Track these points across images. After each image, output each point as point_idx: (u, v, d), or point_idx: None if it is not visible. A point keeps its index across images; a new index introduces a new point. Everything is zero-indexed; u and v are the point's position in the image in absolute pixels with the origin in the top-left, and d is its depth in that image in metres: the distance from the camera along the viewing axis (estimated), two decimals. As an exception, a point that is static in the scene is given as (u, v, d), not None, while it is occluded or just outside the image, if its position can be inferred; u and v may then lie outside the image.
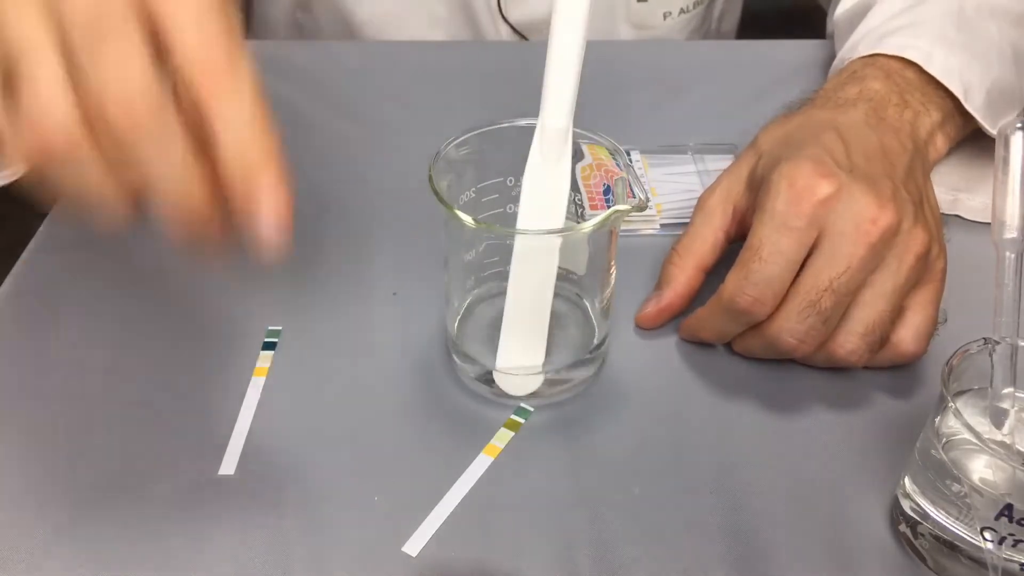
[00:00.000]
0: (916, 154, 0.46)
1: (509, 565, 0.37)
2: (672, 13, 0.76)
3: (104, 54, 0.29)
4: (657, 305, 0.46)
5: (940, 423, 0.34)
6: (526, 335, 0.42)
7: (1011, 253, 0.35)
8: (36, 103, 0.28)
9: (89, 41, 0.29)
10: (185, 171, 0.30)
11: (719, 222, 0.46)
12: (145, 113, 0.29)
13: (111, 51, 0.29)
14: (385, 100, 0.64)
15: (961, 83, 0.50)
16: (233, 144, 0.31)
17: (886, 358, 0.43)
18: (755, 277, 0.40)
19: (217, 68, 0.30)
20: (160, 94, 0.29)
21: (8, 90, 0.29)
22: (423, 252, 0.51)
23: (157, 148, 0.29)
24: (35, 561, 0.37)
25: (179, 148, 0.30)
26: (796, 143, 0.44)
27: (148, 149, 0.29)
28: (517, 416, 0.43)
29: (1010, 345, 0.35)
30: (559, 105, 0.38)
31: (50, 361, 0.45)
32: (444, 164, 0.41)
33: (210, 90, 0.30)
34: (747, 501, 0.39)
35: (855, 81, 0.49)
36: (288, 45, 0.76)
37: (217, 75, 0.30)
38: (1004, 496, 0.32)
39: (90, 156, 0.29)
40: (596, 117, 0.42)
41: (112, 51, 0.29)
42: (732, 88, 0.65)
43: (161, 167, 0.29)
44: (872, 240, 0.39)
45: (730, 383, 0.44)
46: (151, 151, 0.29)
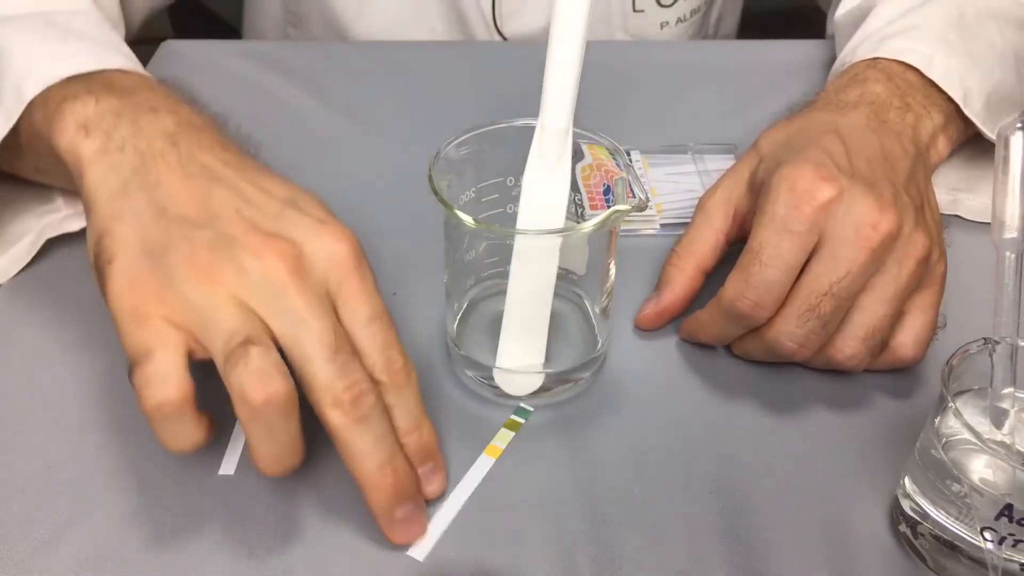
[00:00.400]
0: (917, 158, 0.46)
1: (509, 565, 0.37)
2: (669, 23, 0.76)
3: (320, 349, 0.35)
4: (656, 306, 0.46)
5: (940, 423, 0.34)
6: (526, 335, 0.42)
7: (1011, 253, 0.35)
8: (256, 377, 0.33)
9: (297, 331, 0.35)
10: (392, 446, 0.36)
11: (719, 224, 0.46)
12: (361, 399, 0.35)
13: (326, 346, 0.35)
14: (384, 100, 0.64)
15: (961, 88, 0.50)
16: (409, 431, 0.37)
17: (886, 362, 0.43)
18: (755, 281, 0.40)
19: (394, 367, 0.36)
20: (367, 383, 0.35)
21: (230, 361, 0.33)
22: (423, 252, 0.51)
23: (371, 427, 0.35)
24: (35, 561, 0.37)
25: (388, 427, 0.36)
26: (797, 146, 0.44)
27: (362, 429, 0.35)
28: (517, 416, 0.43)
29: (1010, 345, 0.35)
30: (559, 105, 0.38)
31: (51, 360, 0.45)
32: (444, 164, 0.41)
33: (388, 386, 0.36)
34: (747, 501, 0.39)
35: (856, 84, 0.49)
36: (287, 45, 0.76)
37: (395, 373, 0.36)
38: (1004, 496, 0.32)
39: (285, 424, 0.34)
40: (596, 117, 0.42)
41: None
42: (732, 88, 0.65)
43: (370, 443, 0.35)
44: (872, 245, 0.39)
45: (730, 383, 0.44)
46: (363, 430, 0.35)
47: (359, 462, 0.35)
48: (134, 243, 0.36)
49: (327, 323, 0.35)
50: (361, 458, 0.35)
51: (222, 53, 0.69)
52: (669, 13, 0.76)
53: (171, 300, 0.35)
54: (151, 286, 0.35)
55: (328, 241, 0.36)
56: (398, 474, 0.36)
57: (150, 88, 0.44)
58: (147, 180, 0.38)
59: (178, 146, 0.39)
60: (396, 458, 0.36)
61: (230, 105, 0.64)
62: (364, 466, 0.35)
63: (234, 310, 0.34)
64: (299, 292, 0.35)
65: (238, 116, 0.63)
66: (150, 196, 0.37)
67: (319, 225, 0.37)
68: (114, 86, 0.43)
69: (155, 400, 0.33)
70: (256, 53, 0.69)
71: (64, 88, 0.42)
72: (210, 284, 0.35)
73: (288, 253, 0.35)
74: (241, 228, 0.36)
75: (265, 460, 0.35)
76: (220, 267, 0.35)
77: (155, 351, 0.34)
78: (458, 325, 0.45)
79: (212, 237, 0.36)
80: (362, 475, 0.35)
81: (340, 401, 0.34)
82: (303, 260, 0.36)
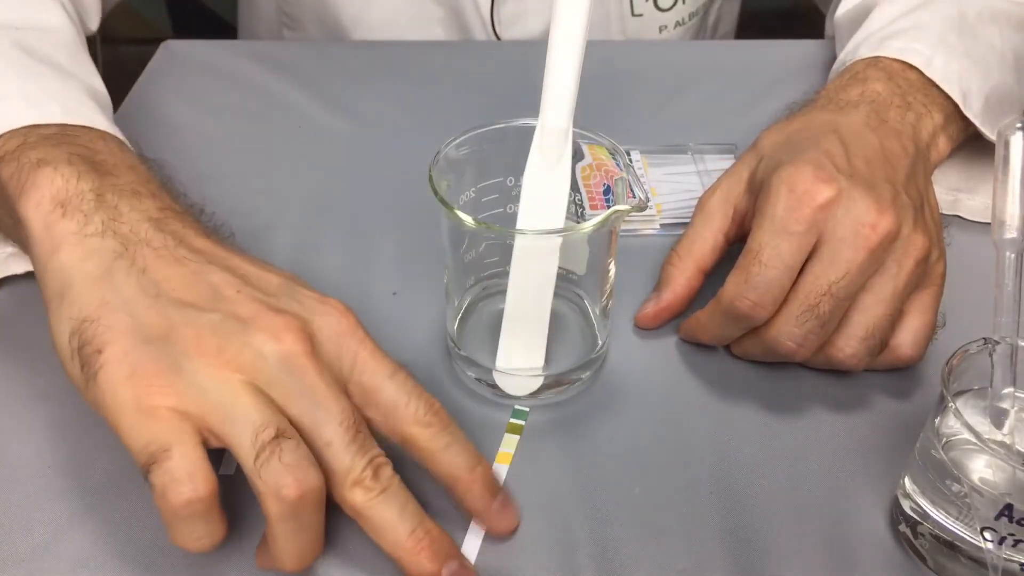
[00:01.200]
0: (917, 157, 0.46)
1: (509, 565, 0.37)
2: (667, 27, 0.76)
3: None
4: (656, 306, 0.46)
5: (940, 423, 0.34)
6: (526, 335, 0.42)
7: (1011, 253, 0.35)
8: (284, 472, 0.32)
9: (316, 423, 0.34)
10: (418, 510, 0.35)
11: (719, 224, 0.46)
12: (381, 472, 0.34)
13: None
14: (384, 100, 0.64)
15: (960, 88, 0.50)
16: (473, 465, 0.36)
17: (885, 362, 0.43)
18: (755, 281, 0.40)
19: (436, 407, 0.36)
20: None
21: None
22: (423, 252, 0.51)
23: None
24: (35, 560, 0.37)
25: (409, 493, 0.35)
26: (797, 146, 0.44)
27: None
28: (516, 419, 0.43)
29: (1010, 345, 0.35)
30: (559, 105, 0.38)
31: (51, 360, 0.45)
32: (444, 164, 0.41)
33: (439, 426, 0.36)
34: (747, 501, 0.39)
35: (857, 82, 0.49)
36: (287, 45, 0.76)
37: (439, 412, 0.36)
38: (1004, 496, 0.32)
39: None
40: (596, 117, 0.42)
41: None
42: (732, 88, 0.65)
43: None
44: (871, 245, 0.39)
45: (730, 383, 0.44)
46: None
47: (390, 534, 0.34)
48: (128, 330, 0.34)
49: (345, 404, 0.34)
50: (391, 529, 0.34)
51: (222, 53, 0.69)
52: (667, 17, 0.76)
53: (182, 390, 0.33)
54: (156, 376, 0.33)
55: (335, 317, 0.36)
56: (431, 535, 0.34)
57: (131, 167, 0.42)
58: (133, 265, 0.36)
59: (163, 232, 0.37)
60: (425, 520, 0.34)
61: (230, 105, 0.64)
62: (397, 536, 0.34)
63: (255, 399, 0.33)
64: (318, 374, 0.34)
65: (237, 116, 0.63)
66: (138, 281, 0.35)
67: (321, 303, 0.36)
68: (96, 163, 0.40)
69: (184, 498, 0.31)
70: (256, 53, 0.69)
71: (39, 147, 0.40)
72: (225, 370, 0.33)
73: (303, 333, 0.34)
74: (250, 309, 0.35)
75: (294, 556, 0.33)
76: (234, 351, 0.33)
77: (173, 445, 0.32)
78: (458, 325, 0.45)
79: (218, 320, 0.34)
80: (396, 546, 0.34)
81: (361, 480, 0.33)
82: (315, 339, 0.35)
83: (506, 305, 0.41)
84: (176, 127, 0.62)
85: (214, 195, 0.55)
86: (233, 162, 0.59)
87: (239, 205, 0.55)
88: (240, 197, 0.56)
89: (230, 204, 0.55)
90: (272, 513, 0.32)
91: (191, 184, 0.56)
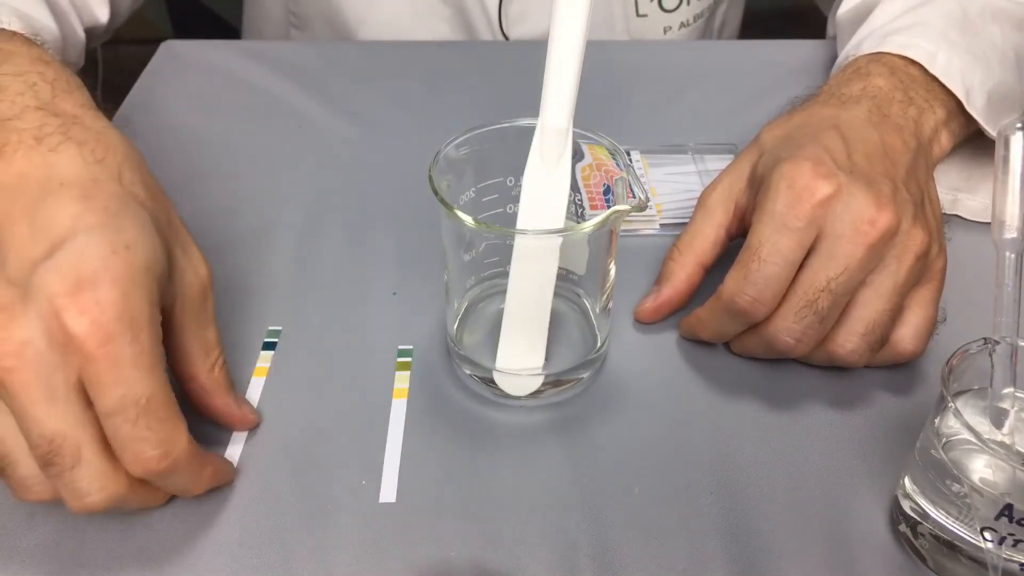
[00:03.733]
0: (919, 152, 0.46)
1: (509, 565, 0.37)
2: (672, 27, 0.76)
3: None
4: (656, 300, 0.46)
5: (940, 423, 0.34)
6: (526, 335, 0.42)
7: (1011, 253, 0.35)
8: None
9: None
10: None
11: (720, 219, 0.46)
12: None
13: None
14: (385, 100, 0.64)
15: (963, 85, 0.50)
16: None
17: (886, 357, 0.43)
18: (754, 277, 0.40)
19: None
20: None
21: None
22: (423, 252, 0.51)
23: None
24: (35, 560, 0.37)
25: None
26: (797, 142, 0.44)
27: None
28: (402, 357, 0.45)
29: (1010, 345, 0.35)
30: (559, 105, 0.38)
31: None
32: (444, 164, 0.41)
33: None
34: (747, 501, 0.39)
35: (859, 77, 0.49)
36: (288, 45, 0.76)
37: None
38: (1004, 496, 0.32)
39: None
40: (596, 117, 0.42)
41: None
42: (732, 88, 0.65)
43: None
44: (870, 241, 0.39)
45: (730, 382, 0.44)
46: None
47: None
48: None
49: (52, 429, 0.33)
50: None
51: (222, 53, 0.69)
52: (672, 18, 0.76)
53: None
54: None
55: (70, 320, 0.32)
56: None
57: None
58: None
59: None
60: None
61: (230, 105, 0.64)
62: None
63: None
64: (27, 398, 0.33)
65: (238, 116, 0.63)
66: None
67: (67, 296, 0.32)
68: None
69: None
70: (257, 53, 0.69)
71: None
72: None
73: (19, 355, 0.32)
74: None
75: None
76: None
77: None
78: (458, 325, 0.45)
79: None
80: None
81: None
82: (32, 350, 0.32)
83: (506, 305, 0.41)
84: (176, 127, 0.62)
85: (214, 195, 0.56)
86: (233, 162, 0.59)
87: (239, 205, 0.55)
88: (240, 197, 0.56)
89: (230, 204, 0.55)
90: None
91: (191, 184, 0.56)
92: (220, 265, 0.50)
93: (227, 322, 0.47)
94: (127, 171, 0.36)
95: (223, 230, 0.53)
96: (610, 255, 0.42)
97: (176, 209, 0.39)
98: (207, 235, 0.52)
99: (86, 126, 0.37)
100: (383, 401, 0.43)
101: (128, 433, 0.33)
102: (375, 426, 0.42)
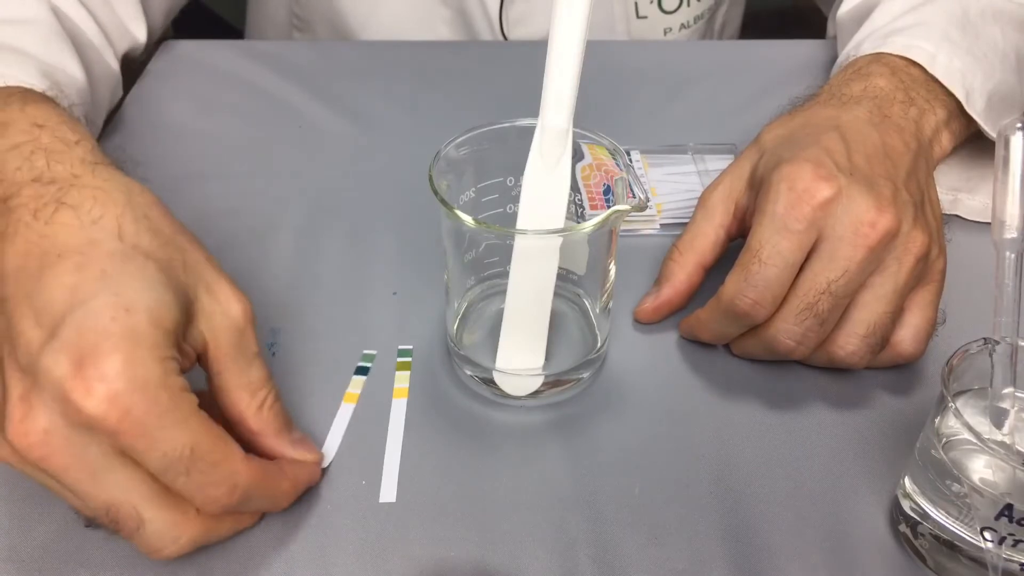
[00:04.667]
0: (919, 152, 0.46)
1: (509, 565, 0.37)
2: (673, 29, 0.76)
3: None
4: (656, 300, 0.46)
5: (940, 423, 0.34)
6: (526, 335, 0.42)
7: (1011, 253, 0.35)
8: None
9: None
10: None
11: (720, 219, 0.46)
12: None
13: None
14: (385, 100, 0.64)
15: (963, 86, 0.50)
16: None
17: (886, 359, 0.43)
18: (755, 279, 0.40)
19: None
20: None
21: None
22: (423, 252, 0.51)
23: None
24: (35, 560, 0.37)
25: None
26: (798, 143, 0.44)
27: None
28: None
29: (1010, 345, 0.35)
30: (559, 106, 0.38)
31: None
32: (444, 164, 0.41)
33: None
34: (747, 501, 0.39)
35: (860, 77, 0.49)
36: (288, 45, 0.76)
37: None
38: (1004, 496, 0.32)
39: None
40: (596, 117, 0.42)
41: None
42: (732, 88, 0.65)
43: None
44: (870, 243, 0.39)
45: (730, 382, 0.44)
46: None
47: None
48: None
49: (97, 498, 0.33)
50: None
51: (222, 53, 0.69)
52: (672, 20, 0.76)
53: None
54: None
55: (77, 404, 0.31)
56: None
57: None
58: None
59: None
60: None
61: (230, 105, 0.64)
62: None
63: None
64: (63, 472, 0.32)
65: (238, 116, 0.63)
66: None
67: (73, 378, 0.31)
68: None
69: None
70: (257, 53, 0.69)
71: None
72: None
73: (45, 440, 0.32)
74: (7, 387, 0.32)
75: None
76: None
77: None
78: (458, 325, 0.45)
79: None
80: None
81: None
82: (58, 432, 0.32)
83: (506, 305, 0.41)
84: (176, 127, 0.62)
85: (214, 195, 0.56)
86: (233, 162, 0.59)
87: (239, 205, 0.55)
88: (240, 197, 0.56)
89: (230, 204, 0.55)
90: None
91: (191, 184, 0.56)
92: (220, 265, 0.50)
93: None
94: (128, 223, 0.35)
95: (223, 230, 0.53)
96: (610, 255, 0.42)
97: (201, 245, 0.38)
98: (207, 235, 0.52)
99: (83, 185, 0.35)
100: (383, 401, 0.43)
101: (186, 484, 0.32)
102: (375, 426, 0.42)
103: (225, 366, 0.36)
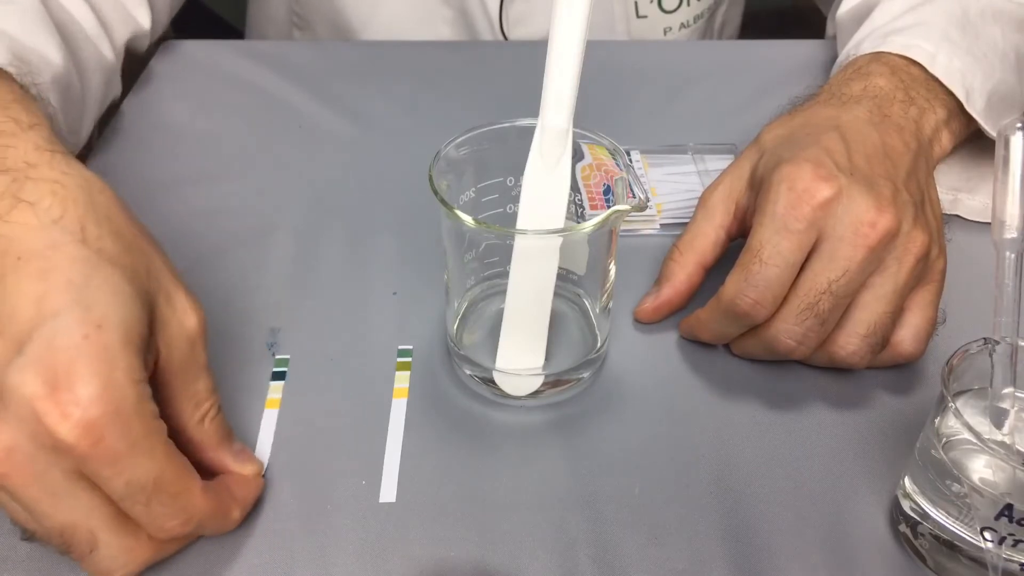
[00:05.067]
0: (919, 152, 0.46)
1: (509, 565, 0.37)
2: (672, 28, 0.76)
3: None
4: (655, 300, 0.46)
5: (940, 423, 0.34)
6: (526, 335, 0.42)
7: (1011, 253, 0.35)
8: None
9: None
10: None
11: (720, 219, 0.46)
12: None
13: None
14: (385, 100, 0.64)
15: (963, 85, 0.50)
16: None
17: (886, 359, 0.43)
18: (755, 279, 0.40)
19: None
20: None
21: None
22: (423, 252, 0.51)
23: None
24: (36, 560, 0.37)
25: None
26: (798, 143, 0.44)
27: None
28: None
29: (1010, 345, 0.35)
30: (559, 106, 0.38)
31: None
32: (444, 164, 0.41)
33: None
34: (747, 501, 0.39)
35: (860, 77, 0.49)
36: (288, 45, 0.76)
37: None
38: (1004, 496, 0.32)
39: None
40: (596, 117, 0.42)
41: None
42: (732, 88, 0.65)
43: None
44: (871, 243, 0.39)
45: (730, 382, 0.44)
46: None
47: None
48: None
49: (59, 520, 0.32)
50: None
51: (222, 53, 0.69)
52: (672, 19, 0.76)
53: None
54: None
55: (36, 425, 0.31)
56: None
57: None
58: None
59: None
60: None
61: (230, 105, 0.64)
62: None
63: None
64: (28, 492, 0.32)
65: (238, 116, 0.63)
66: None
67: (40, 400, 0.30)
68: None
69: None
70: (257, 53, 0.69)
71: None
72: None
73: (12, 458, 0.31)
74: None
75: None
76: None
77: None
78: (458, 325, 0.45)
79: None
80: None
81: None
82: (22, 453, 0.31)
83: (506, 305, 0.41)
84: (176, 127, 0.62)
85: (214, 195, 0.56)
86: (233, 162, 0.59)
87: (239, 205, 0.55)
88: (240, 197, 0.56)
89: (230, 204, 0.55)
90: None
91: (191, 184, 0.56)
92: (220, 265, 0.50)
93: (227, 322, 0.47)
94: (91, 224, 0.33)
95: (223, 230, 0.53)
96: (610, 255, 0.42)
97: (160, 249, 0.36)
98: (207, 235, 0.52)
99: (40, 177, 0.34)
100: (383, 401, 0.43)
101: (143, 512, 0.32)
102: (375, 426, 0.42)
103: (174, 376, 0.35)
